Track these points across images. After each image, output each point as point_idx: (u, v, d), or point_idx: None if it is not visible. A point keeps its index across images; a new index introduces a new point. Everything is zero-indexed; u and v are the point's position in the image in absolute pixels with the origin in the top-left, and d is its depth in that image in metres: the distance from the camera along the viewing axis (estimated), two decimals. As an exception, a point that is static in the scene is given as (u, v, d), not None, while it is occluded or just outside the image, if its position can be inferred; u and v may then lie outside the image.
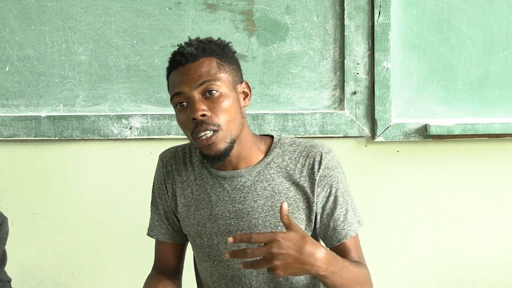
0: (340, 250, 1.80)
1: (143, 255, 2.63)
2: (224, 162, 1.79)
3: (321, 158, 1.79)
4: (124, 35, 2.59)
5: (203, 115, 1.70)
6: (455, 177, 2.68)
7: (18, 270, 2.66)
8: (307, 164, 1.80)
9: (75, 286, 2.68)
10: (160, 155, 1.92)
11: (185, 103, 1.73)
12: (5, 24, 2.58)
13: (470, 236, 2.70)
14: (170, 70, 1.79)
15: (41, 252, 2.67)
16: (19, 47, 2.59)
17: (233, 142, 1.74)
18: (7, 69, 2.60)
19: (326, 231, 1.81)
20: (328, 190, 1.79)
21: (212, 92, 1.72)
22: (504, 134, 2.62)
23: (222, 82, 1.73)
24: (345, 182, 1.84)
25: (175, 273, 1.93)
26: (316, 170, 1.78)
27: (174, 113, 2.60)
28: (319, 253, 1.57)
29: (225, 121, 1.72)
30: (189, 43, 1.78)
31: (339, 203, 1.80)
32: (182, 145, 1.92)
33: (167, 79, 1.80)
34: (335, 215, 1.79)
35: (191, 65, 1.73)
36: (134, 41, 2.59)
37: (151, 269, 1.95)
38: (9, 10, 2.58)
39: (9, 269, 2.35)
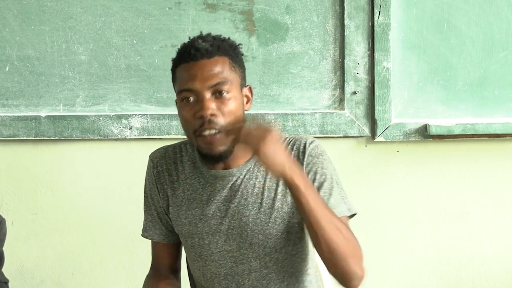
0: None
1: (143, 255, 2.62)
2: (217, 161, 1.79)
3: (304, 148, 1.79)
4: (124, 35, 2.59)
5: (212, 114, 1.70)
6: (455, 177, 2.68)
7: (18, 270, 2.66)
8: (292, 156, 1.79)
9: (75, 286, 2.68)
10: (150, 156, 1.92)
11: (191, 99, 1.72)
12: (5, 24, 2.58)
13: (470, 236, 2.70)
14: (179, 62, 1.75)
15: (41, 252, 2.67)
16: (19, 47, 2.59)
17: (233, 145, 1.74)
18: (7, 69, 2.60)
19: None
20: (312, 177, 1.78)
21: (223, 92, 1.71)
22: (504, 134, 2.62)
23: (233, 83, 1.73)
24: (333, 170, 1.81)
25: (173, 272, 1.94)
26: (301, 159, 1.78)
27: (174, 113, 2.61)
28: (297, 165, 1.64)
29: (227, 123, 1.71)
30: (203, 38, 1.76)
31: (322, 189, 1.77)
32: (172, 144, 1.92)
33: (173, 71, 1.77)
34: None
35: (205, 61, 1.72)
36: (134, 41, 2.59)
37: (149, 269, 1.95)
38: (9, 10, 2.58)
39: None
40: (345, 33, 2.58)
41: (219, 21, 2.59)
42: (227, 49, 1.75)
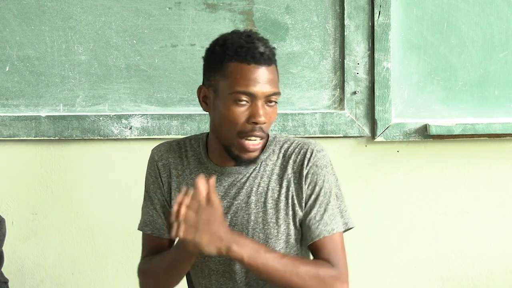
0: (313, 249, 1.81)
1: (143, 255, 2.63)
2: (228, 158, 1.80)
3: (311, 155, 1.80)
4: (124, 35, 2.59)
5: (264, 123, 1.73)
6: (455, 177, 2.68)
7: (18, 270, 2.66)
8: (298, 160, 1.81)
9: (75, 286, 2.68)
10: (153, 150, 1.91)
11: (245, 101, 1.72)
12: (5, 24, 2.58)
13: (470, 236, 2.70)
14: (234, 58, 1.72)
15: (41, 252, 2.67)
16: (19, 47, 2.59)
17: (261, 152, 1.79)
18: (7, 69, 2.60)
19: (303, 228, 1.82)
20: (312, 188, 1.80)
21: (272, 102, 1.75)
22: (504, 134, 2.62)
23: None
24: (335, 183, 1.83)
25: None
26: (304, 165, 1.80)
27: (174, 113, 2.61)
28: (232, 233, 1.68)
29: (268, 131, 1.77)
30: (263, 42, 1.76)
31: (318, 202, 1.79)
32: (176, 140, 1.92)
33: (222, 63, 1.73)
34: (312, 213, 1.80)
35: (266, 68, 1.73)
36: (134, 41, 2.59)
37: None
38: (9, 10, 2.58)
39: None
40: (345, 33, 2.58)
41: (219, 21, 2.59)
42: (276, 58, 1.79)
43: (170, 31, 2.59)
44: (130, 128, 2.60)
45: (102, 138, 2.61)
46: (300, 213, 1.81)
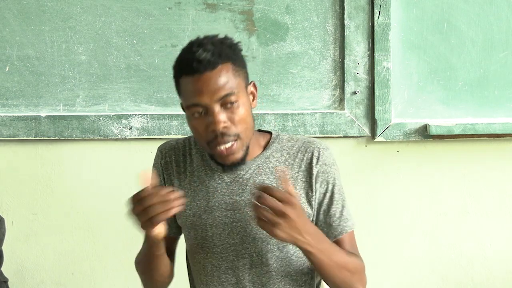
0: None
1: (143, 255, 2.63)
2: None
3: (319, 154, 1.82)
4: (124, 35, 2.59)
5: (224, 127, 1.69)
6: (455, 177, 2.68)
7: (18, 270, 2.66)
8: (305, 158, 1.81)
9: (75, 286, 2.68)
10: (159, 147, 1.93)
11: (201, 112, 1.70)
12: (5, 24, 2.58)
13: (470, 236, 2.70)
14: (181, 74, 1.72)
15: (41, 252, 2.67)
16: (19, 47, 2.59)
17: (247, 148, 1.76)
18: (7, 69, 2.60)
19: (322, 227, 1.83)
20: (325, 187, 1.81)
21: (233, 103, 1.70)
22: (504, 134, 2.62)
23: (239, 89, 1.72)
24: (340, 179, 1.86)
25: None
26: (314, 164, 1.80)
27: (174, 113, 2.61)
28: (312, 227, 1.67)
29: (243, 129, 1.72)
30: (203, 46, 1.70)
31: (335, 200, 1.82)
32: (182, 138, 1.93)
33: (177, 80, 1.75)
34: (331, 211, 1.81)
35: (209, 73, 1.68)
36: (134, 41, 2.59)
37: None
38: (9, 10, 2.58)
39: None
40: (345, 33, 2.58)
41: (219, 21, 2.59)
42: (228, 54, 1.72)
43: (170, 31, 2.59)
44: (130, 128, 2.60)
45: (102, 138, 2.61)
46: (309, 212, 1.81)
